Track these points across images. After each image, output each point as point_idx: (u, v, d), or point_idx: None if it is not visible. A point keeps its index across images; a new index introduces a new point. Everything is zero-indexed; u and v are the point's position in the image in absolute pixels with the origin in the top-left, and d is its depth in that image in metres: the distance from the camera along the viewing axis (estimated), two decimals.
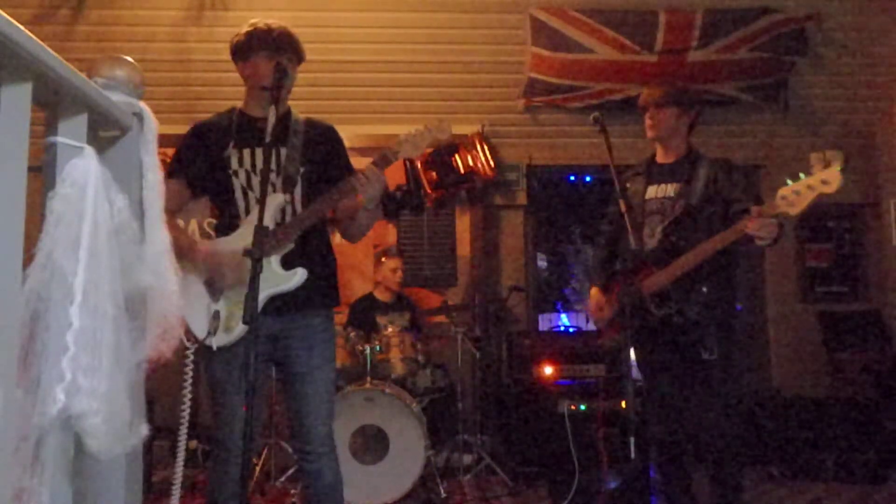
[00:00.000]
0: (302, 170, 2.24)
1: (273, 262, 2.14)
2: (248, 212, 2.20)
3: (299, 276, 2.15)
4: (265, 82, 2.16)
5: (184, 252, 2.11)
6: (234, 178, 2.21)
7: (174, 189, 2.24)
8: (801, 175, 2.36)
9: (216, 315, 2.11)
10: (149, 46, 4.74)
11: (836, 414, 4.25)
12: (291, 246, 2.17)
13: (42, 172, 0.90)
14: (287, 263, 2.16)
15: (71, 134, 0.91)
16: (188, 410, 1.99)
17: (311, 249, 2.23)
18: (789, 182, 2.38)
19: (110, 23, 4.77)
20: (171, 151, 2.94)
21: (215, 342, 2.10)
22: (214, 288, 2.17)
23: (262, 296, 2.05)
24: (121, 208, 0.93)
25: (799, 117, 5.27)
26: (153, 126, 1.08)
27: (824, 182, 2.29)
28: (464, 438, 4.25)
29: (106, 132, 1.04)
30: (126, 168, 1.04)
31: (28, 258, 0.82)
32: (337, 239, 4.73)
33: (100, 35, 4.75)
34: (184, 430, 1.92)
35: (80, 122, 0.92)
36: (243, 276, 2.05)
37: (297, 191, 2.24)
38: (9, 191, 0.77)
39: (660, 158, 2.87)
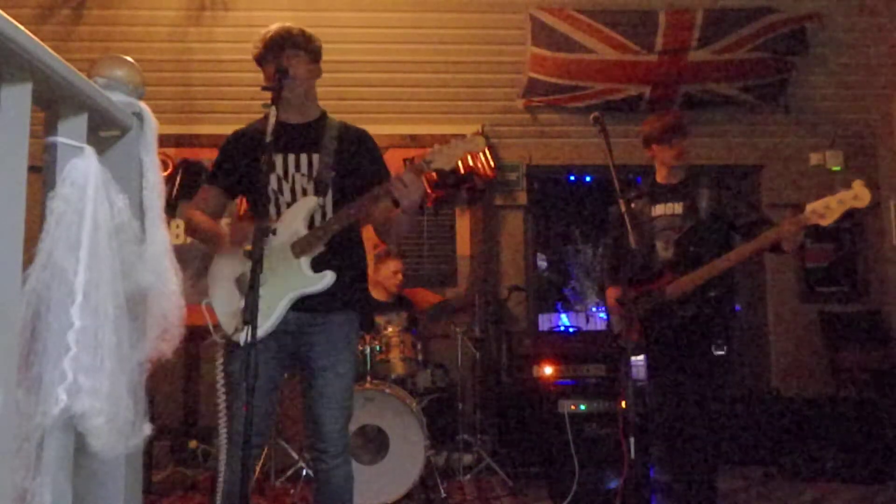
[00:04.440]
0: (333, 174, 2.27)
1: (303, 264, 2.17)
2: (278, 215, 2.23)
3: (328, 278, 2.16)
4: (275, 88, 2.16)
5: (218, 243, 2.27)
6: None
7: (213, 195, 2.36)
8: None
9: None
10: (149, 46, 4.74)
11: (836, 414, 4.25)
12: (322, 248, 2.19)
13: (42, 172, 0.90)
14: (317, 266, 2.19)
15: (71, 134, 0.91)
16: (225, 407, 2.10)
17: (341, 252, 2.25)
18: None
19: (110, 23, 4.77)
20: (171, 151, 2.95)
21: (241, 338, 2.13)
22: (244, 286, 2.18)
23: (291, 295, 2.13)
24: (121, 208, 0.93)
25: (799, 117, 5.27)
26: (153, 126, 1.08)
27: (856, 198, 2.67)
28: (464, 438, 4.24)
29: (106, 132, 1.04)
30: (126, 168, 1.04)
31: (28, 258, 0.82)
32: None
33: (100, 35, 4.74)
34: (223, 429, 2.04)
35: (80, 122, 0.92)
36: (272, 276, 2.11)
37: (329, 195, 2.27)
38: (9, 191, 0.77)
39: (662, 180, 3.15)
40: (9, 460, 0.77)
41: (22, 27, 0.75)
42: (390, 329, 3.94)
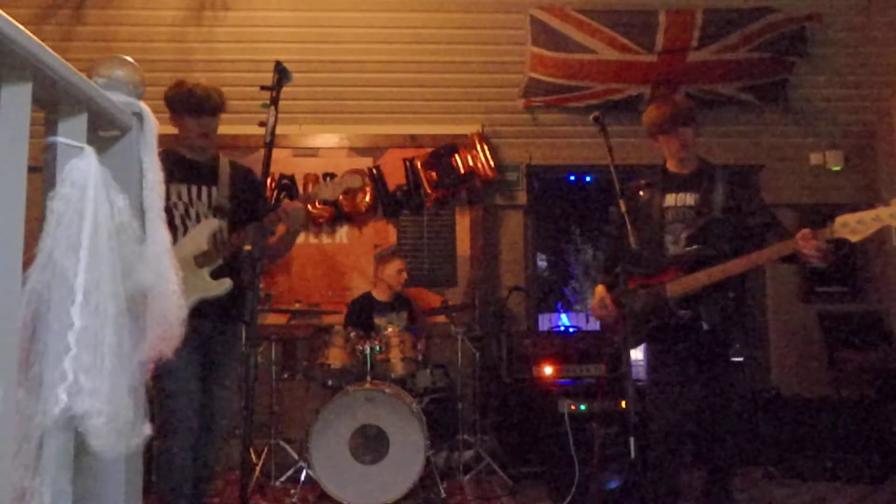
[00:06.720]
0: (228, 204, 2.73)
1: (205, 273, 2.58)
2: (183, 236, 2.65)
3: (226, 284, 2.57)
4: (192, 139, 2.67)
5: None
6: (174, 210, 2.64)
7: None
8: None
9: None
10: (149, 46, 4.74)
11: (836, 414, 4.24)
12: (220, 262, 2.61)
13: (42, 172, 0.90)
14: (215, 275, 2.61)
15: (71, 134, 0.91)
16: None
17: (233, 266, 2.64)
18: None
19: (110, 23, 4.77)
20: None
21: None
22: None
23: (193, 299, 2.48)
24: (121, 208, 0.93)
25: (799, 117, 5.27)
26: (153, 126, 1.08)
27: (893, 216, 2.41)
28: (464, 438, 4.24)
29: (106, 132, 1.04)
30: (126, 168, 1.04)
31: (28, 258, 0.82)
32: (337, 239, 4.80)
33: (100, 35, 4.74)
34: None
35: (80, 122, 0.92)
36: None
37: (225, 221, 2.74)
38: (9, 191, 0.77)
39: (673, 168, 2.96)
40: (9, 460, 0.76)
41: (22, 27, 0.74)
42: (390, 329, 3.94)
